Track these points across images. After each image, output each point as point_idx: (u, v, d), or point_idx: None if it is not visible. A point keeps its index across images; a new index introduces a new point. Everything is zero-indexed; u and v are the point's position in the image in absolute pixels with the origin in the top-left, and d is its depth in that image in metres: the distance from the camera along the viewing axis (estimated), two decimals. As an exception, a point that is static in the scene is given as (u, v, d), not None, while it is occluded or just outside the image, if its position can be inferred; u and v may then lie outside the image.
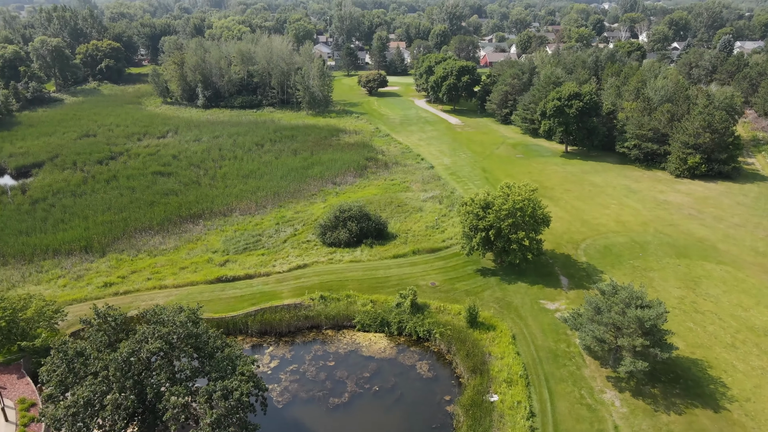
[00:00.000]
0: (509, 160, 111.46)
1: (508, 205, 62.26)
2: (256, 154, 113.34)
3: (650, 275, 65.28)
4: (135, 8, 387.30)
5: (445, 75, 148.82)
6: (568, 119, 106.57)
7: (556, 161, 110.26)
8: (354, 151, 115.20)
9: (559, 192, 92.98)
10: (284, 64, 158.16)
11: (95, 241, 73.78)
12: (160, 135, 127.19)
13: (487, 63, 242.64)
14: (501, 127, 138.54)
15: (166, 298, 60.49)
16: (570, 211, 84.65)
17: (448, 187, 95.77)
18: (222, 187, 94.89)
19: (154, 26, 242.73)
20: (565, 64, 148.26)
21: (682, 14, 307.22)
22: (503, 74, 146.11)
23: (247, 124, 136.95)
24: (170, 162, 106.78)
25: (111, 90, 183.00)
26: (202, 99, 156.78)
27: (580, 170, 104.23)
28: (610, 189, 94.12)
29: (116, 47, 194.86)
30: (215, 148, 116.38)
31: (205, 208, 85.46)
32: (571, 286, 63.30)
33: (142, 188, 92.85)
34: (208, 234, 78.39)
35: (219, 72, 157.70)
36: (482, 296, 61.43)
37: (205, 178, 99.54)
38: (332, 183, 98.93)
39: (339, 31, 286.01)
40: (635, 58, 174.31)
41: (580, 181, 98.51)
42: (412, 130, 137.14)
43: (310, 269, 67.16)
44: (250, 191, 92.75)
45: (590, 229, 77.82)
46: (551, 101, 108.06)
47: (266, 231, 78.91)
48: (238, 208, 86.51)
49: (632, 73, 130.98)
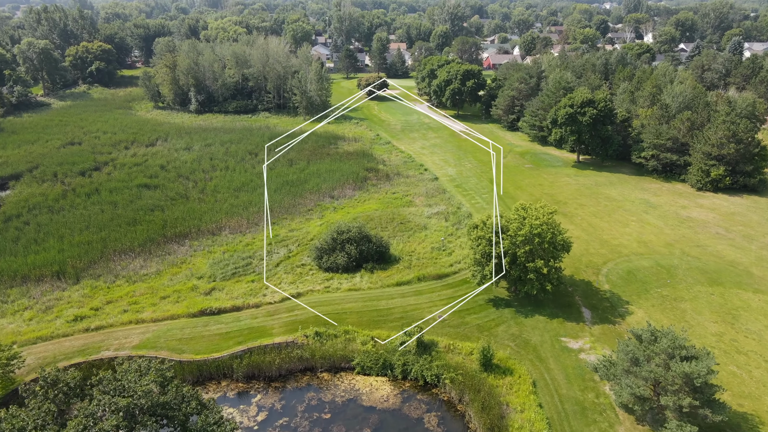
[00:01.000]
0: (518, 171, 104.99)
1: (525, 230, 55.78)
2: (249, 164, 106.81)
3: (681, 306, 58.82)
4: (130, 8, 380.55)
5: (448, 79, 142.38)
6: (581, 127, 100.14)
7: (567, 172, 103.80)
8: (353, 160, 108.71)
9: (573, 207, 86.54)
10: (280, 67, 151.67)
11: (69, 266, 67.24)
12: (148, 143, 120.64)
13: (490, 65, 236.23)
14: (508, 134, 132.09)
15: (142, 335, 53.98)
16: (587, 229, 78.19)
17: (453, 201, 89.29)
18: (211, 201, 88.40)
19: (147, 27, 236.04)
20: (573, 68, 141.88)
21: (688, 15, 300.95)
22: (509, 78, 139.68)
23: (240, 131, 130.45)
24: (157, 173, 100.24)
25: (101, 94, 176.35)
26: (195, 104, 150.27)
27: (594, 182, 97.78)
28: (628, 203, 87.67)
29: (107, 49, 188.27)
30: (206, 158, 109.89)
31: (192, 226, 78.95)
32: (595, 319, 56.84)
33: (125, 203, 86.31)
34: (195, 256, 71.90)
35: (212, 75, 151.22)
36: (496, 332, 54.96)
37: (194, 191, 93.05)
38: (330, 197, 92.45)
39: (338, 32, 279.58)
40: (645, 61, 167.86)
41: (594, 194, 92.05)
42: (414, 137, 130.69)
43: (304, 299, 60.64)
44: (242, 206, 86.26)
45: (611, 251, 71.35)
46: (563, 108, 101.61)
47: (258, 252, 72.41)
48: (228, 226, 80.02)
49: (646, 77, 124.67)
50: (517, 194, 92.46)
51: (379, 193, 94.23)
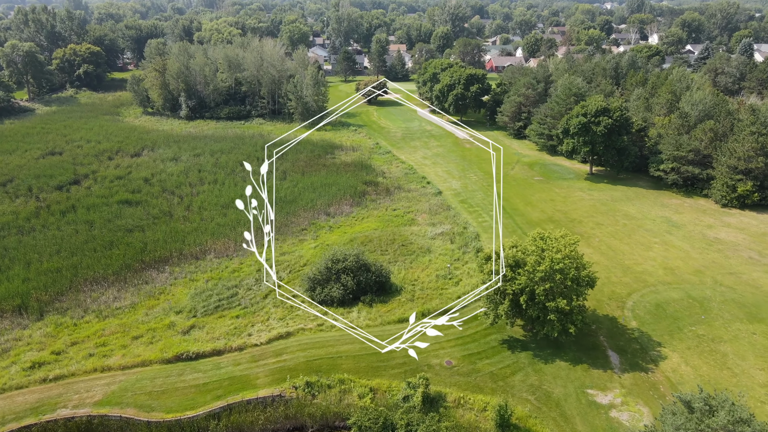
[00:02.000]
0: (527, 184, 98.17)
1: (545, 265, 48.93)
2: (240, 176, 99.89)
3: (721, 349, 52.00)
4: (125, 9, 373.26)
5: (451, 84, 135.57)
6: (594, 138, 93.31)
7: (580, 185, 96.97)
8: (351, 173, 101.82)
9: (590, 226, 79.70)
10: (275, 71, 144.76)
11: (33, 298, 60.38)
12: (134, 153, 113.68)
13: (492, 67, 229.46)
14: (514, 143, 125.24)
15: (107, 387, 47.08)
16: (606, 253, 71.35)
17: (459, 220, 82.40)
18: (197, 220, 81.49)
19: (139, 28, 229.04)
20: (582, 72, 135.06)
21: (694, 15, 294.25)
22: (515, 83, 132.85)
23: (232, 139, 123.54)
24: (140, 187, 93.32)
25: (89, 98, 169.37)
26: (186, 110, 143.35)
27: (610, 197, 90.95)
28: (649, 222, 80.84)
29: (96, 51, 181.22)
30: (194, 169, 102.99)
31: (174, 250, 72.05)
32: (624, 365, 50.02)
33: (102, 223, 79.36)
34: (175, 285, 65.04)
35: (204, 80, 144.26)
36: (512, 382, 48.13)
37: (179, 208, 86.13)
38: (325, 214, 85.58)
39: (336, 33, 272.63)
40: (655, 64, 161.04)
41: (611, 211, 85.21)
42: (415, 145, 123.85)
43: (294, 340, 53.80)
44: (230, 226, 79.39)
45: (635, 279, 64.52)
46: (575, 117, 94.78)
47: (245, 280, 65.58)
48: (214, 249, 73.14)
49: (660, 82, 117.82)
50: (528, 211, 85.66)
51: (379, 209, 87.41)
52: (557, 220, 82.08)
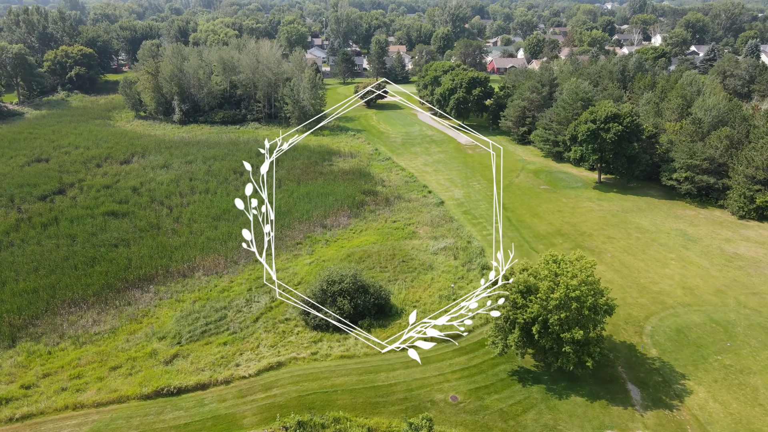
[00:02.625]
0: (533, 193, 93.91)
1: (559, 292, 44.67)
2: (233, 185, 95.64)
3: (751, 382, 47.75)
4: (121, 9, 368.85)
5: (453, 87, 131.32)
6: (604, 145, 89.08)
7: (589, 195, 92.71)
8: (349, 181, 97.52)
9: (600, 240, 75.44)
10: (271, 73, 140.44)
11: (6, 322, 56.10)
12: (123, 159, 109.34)
13: (494, 69, 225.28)
14: (518, 148, 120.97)
15: (77, 429, 42.78)
16: (620, 270, 67.09)
17: (463, 233, 78.11)
18: (186, 233, 77.16)
19: (134, 29, 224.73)
20: (588, 75, 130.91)
21: (698, 16, 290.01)
22: (519, 87, 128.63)
23: (226, 145, 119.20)
24: (128, 197, 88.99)
25: (81, 101, 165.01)
26: (179, 114, 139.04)
27: (621, 208, 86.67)
28: (663, 236, 76.56)
29: (88, 53, 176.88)
30: (186, 178, 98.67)
31: (160, 267, 67.72)
32: (646, 401, 45.76)
33: (85, 237, 75.02)
34: (160, 306, 60.75)
35: (198, 83, 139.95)
36: (524, 421, 43.85)
37: (168, 220, 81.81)
38: (321, 226, 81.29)
39: (335, 34, 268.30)
40: (662, 66, 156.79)
41: (623, 223, 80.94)
42: (416, 151, 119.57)
43: (285, 371, 49.52)
44: (220, 240, 75.05)
45: (652, 300, 60.28)
46: (584, 124, 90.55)
47: (235, 301, 61.31)
48: (203, 266, 68.80)
49: (670, 86, 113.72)
50: (534, 223, 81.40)
51: (378, 221, 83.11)
52: (566, 233, 77.85)
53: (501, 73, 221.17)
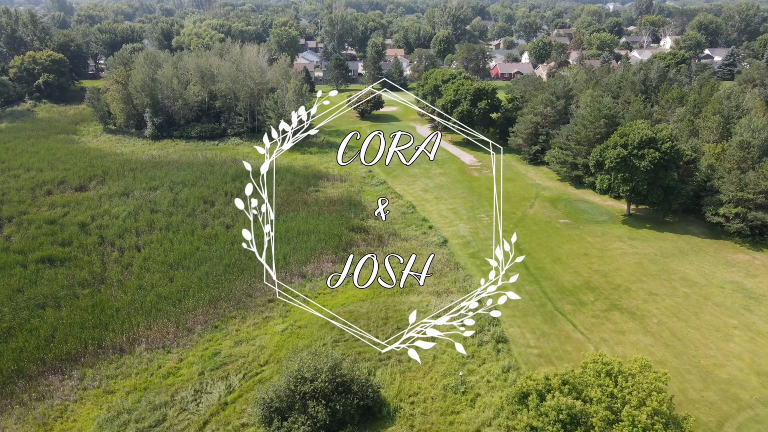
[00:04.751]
0: (551, 229, 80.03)
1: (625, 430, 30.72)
2: (200, 219, 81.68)
3: None
4: (108, 10, 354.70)
5: (456, 99, 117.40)
6: (637, 175, 75.22)
7: (618, 232, 78.80)
8: (336, 213, 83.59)
9: (641, 297, 61.56)
10: (253, 83, 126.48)
11: None
12: (79, 185, 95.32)
13: (498, 74, 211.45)
14: (530, 170, 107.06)
15: None
16: (671, 344, 53.24)
17: (472, 286, 64.15)
18: (133, 288, 63.13)
19: (114, 32, 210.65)
20: (607, 85, 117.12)
21: (709, 17, 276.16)
22: (531, 100, 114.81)
23: (200, 166, 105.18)
24: (73, 236, 75.01)
25: (48, 112, 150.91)
26: (151, 128, 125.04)
27: (658, 251, 72.75)
28: (716, 291, 62.70)
29: (59, 59, 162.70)
30: (146, 209, 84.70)
31: (91, 339, 53.77)
32: None
33: (8, 294, 61.02)
34: (81, 401, 46.80)
35: (172, 93, 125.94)
36: None
37: (116, 268, 67.85)
38: (300, 276, 67.43)
39: (329, 37, 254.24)
40: (684, 73, 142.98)
41: (664, 272, 67.03)
42: (414, 173, 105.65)
43: None
44: (174, 297, 61.08)
45: (722, 395, 46.39)
46: (612, 149, 76.72)
47: (180, 392, 47.41)
48: (147, 337, 54.84)
49: (704, 100, 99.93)
50: (556, 271, 67.53)
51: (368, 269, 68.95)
52: (596, 286, 64.00)
53: (506, 79, 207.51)
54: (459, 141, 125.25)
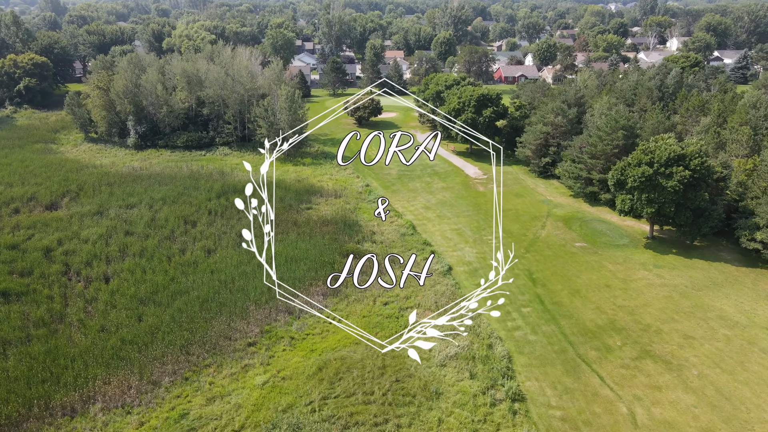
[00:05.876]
0: (567, 255, 72.29)
1: None
2: (180, 242, 73.96)
3: None
4: (102, 11, 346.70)
5: (460, 107, 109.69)
6: (664, 195, 67.48)
7: (642, 258, 71.01)
8: (329, 236, 75.84)
9: (675, 342, 53.82)
10: (243, 89, 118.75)
11: None
12: (50, 203, 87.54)
13: (501, 78, 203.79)
14: (539, 183, 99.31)
15: None
16: (717, 403, 45.48)
17: (481, 326, 56.51)
18: (94, 330, 55.33)
19: (103, 33, 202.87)
20: (621, 92, 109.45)
21: (717, 18, 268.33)
22: (539, 107, 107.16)
23: (184, 180, 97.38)
24: (36, 264, 67.15)
25: (29, 119, 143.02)
26: (134, 137, 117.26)
27: (689, 282, 64.99)
28: (762, 334, 54.95)
29: (41, 62, 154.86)
30: (121, 230, 76.93)
31: (39, 398, 45.99)
32: None
33: (-51, 339, 53.30)
34: (18, 481, 39.06)
35: (156, 100, 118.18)
36: None
37: (79, 302, 60.12)
38: (287, 312, 59.72)
39: (327, 38, 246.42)
40: (701, 78, 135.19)
41: (699, 309, 59.29)
42: (415, 187, 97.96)
43: None
44: (140, 342, 53.32)
45: (784, 475, 38.74)
46: (635, 167, 69.02)
47: (137, 469, 39.62)
48: (104, 393, 47.06)
49: (729, 109, 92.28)
50: (576, 307, 59.83)
51: (364, 301, 61.59)
52: (623, 327, 56.28)
53: (509, 82, 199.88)
54: (462, 151, 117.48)
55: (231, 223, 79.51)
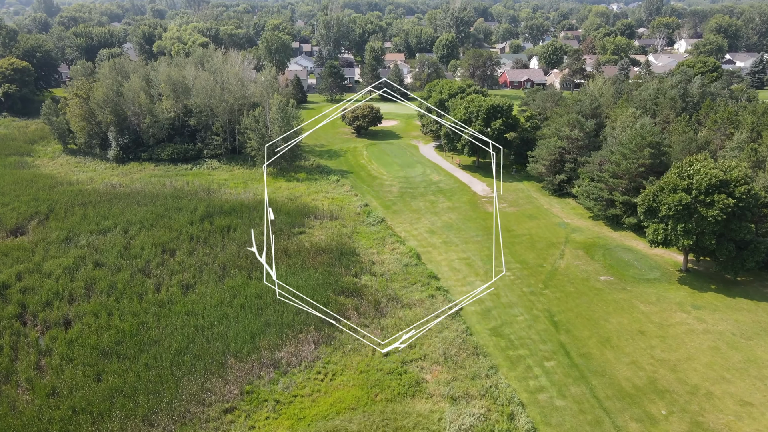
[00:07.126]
0: (591, 291, 63.94)
1: None
2: (155, 276, 65.63)
3: None
4: (95, 12, 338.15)
5: (467, 118, 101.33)
6: (703, 225, 59.18)
7: (677, 296, 62.63)
8: (323, 268, 67.33)
9: (730, 410, 45.45)
10: (232, 97, 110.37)
11: None
12: (15, 227, 79.16)
13: (506, 82, 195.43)
14: (554, 203, 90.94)
15: None
16: (792, 499, 37.13)
17: (499, 386, 48.17)
18: (43, 393, 46.97)
19: (91, 36, 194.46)
20: (641, 102, 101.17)
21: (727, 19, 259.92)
22: (552, 119, 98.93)
23: (166, 198, 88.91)
24: (-13, 305, 58.87)
25: (7, 128, 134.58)
26: (115, 149, 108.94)
27: (736, 328, 56.62)
28: (828, 397, 46.67)
29: (22, 67, 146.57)
30: (90, 261, 68.62)
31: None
32: None
33: None
34: None
35: (139, 109, 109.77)
36: None
37: (31, 355, 51.80)
38: (271, 366, 51.35)
39: (325, 40, 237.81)
40: (722, 85, 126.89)
41: (752, 363, 50.95)
42: (418, 208, 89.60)
43: None
44: (96, 410, 44.96)
45: None
46: (670, 194, 60.67)
47: None
48: (46, 483, 38.74)
49: (763, 122, 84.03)
50: (607, 360, 51.51)
51: (362, 353, 53.16)
52: (666, 388, 47.93)
53: (515, 87, 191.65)
54: (468, 165, 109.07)
55: (214, 252, 71.14)
